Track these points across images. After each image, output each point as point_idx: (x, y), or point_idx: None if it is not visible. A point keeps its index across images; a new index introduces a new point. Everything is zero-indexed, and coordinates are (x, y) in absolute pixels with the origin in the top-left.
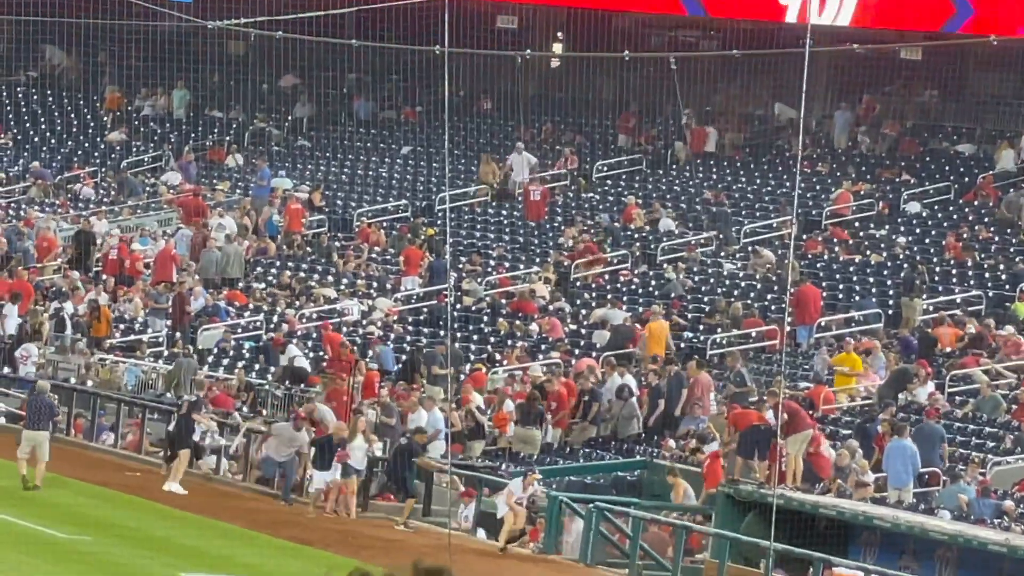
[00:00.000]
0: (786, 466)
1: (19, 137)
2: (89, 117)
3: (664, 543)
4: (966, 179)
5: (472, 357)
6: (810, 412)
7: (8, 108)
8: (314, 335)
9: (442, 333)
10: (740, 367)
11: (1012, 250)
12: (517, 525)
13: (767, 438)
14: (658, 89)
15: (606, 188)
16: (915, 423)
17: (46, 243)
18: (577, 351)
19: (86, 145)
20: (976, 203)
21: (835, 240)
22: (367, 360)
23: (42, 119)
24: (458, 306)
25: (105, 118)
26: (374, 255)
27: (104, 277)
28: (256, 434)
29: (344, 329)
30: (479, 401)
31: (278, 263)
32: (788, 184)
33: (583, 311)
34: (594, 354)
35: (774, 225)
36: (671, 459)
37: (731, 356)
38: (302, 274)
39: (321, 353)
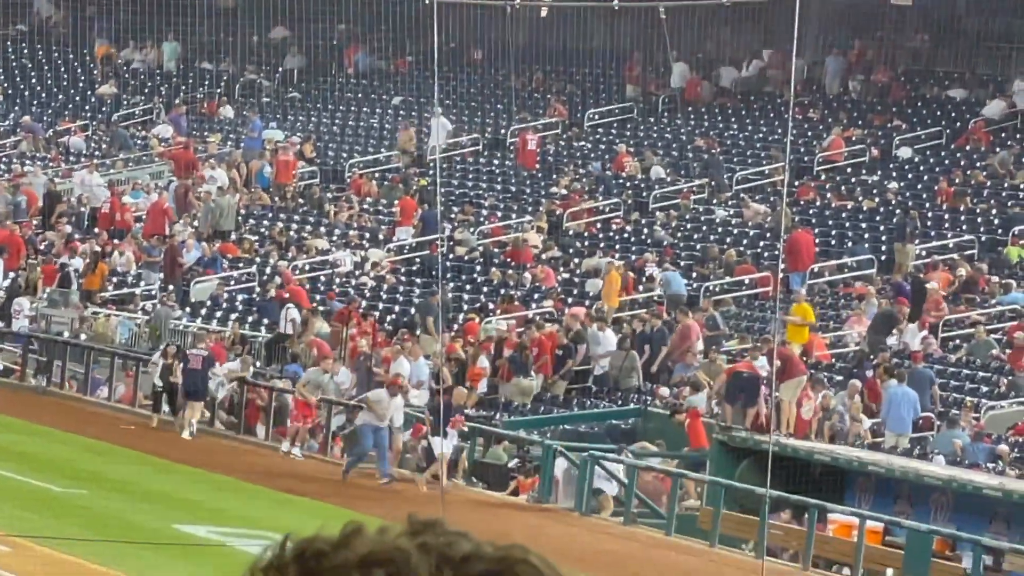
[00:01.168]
0: (782, 413)
1: (9, 91)
2: (79, 71)
3: (659, 491)
4: (958, 124)
5: (465, 307)
6: (803, 358)
7: None
8: (319, 288)
9: (435, 284)
10: (712, 311)
11: (1004, 194)
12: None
13: (753, 386)
14: (649, 37)
15: (597, 137)
16: (906, 368)
17: (30, 198)
18: (570, 300)
19: (77, 99)
20: (968, 148)
21: (827, 186)
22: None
23: (32, 73)
24: (451, 256)
25: (95, 71)
26: (366, 206)
27: (96, 231)
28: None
29: (337, 280)
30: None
31: (270, 215)
32: (780, 131)
33: (576, 260)
34: (587, 303)
35: (766, 172)
36: (665, 407)
37: (705, 300)
38: (294, 226)
39: (323, 308)
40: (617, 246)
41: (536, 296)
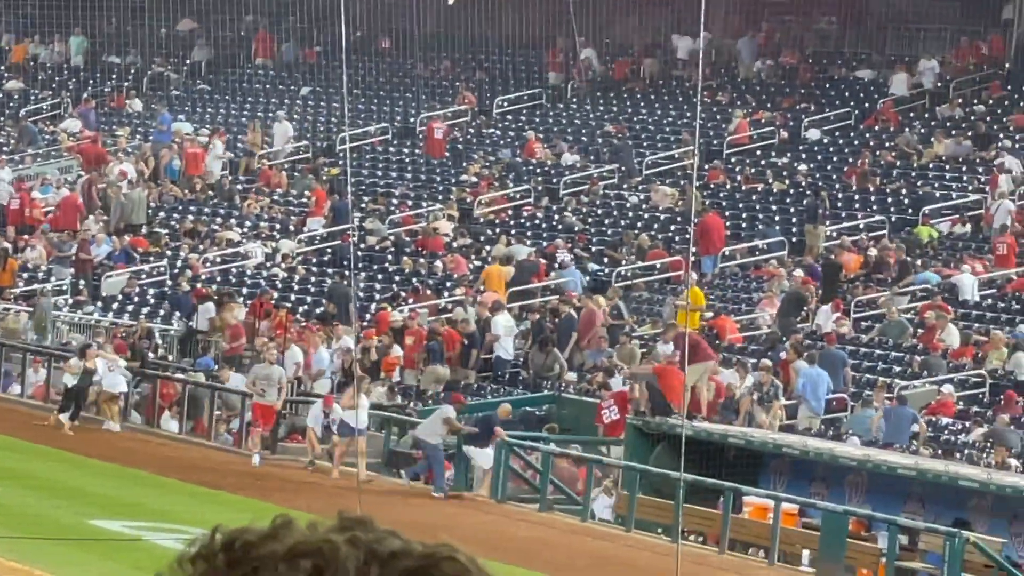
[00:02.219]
0: (687, 397)
1: None
2: None
3: (575, 477)
4: (866, 104)
5: (377, 297)
6: (716, 342)
7: None
8: (231, 281)
9: (346, 273)
10: (617, 300)
11: (914, 174)
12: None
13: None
14: (557, 24)
15: (507, 124)
16: (818, 349)
17: None
18: (482, 288)
19: None
20: (877, 128)
21: (737, 169)
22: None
23: None
24: (362, 246)
25: (2, 67)
26: (276, 197)
27: (5, 227)
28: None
29: (248, 271)
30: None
31: (180, 208)
32: (689, 115)
33: (487, 247)
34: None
35: (676, 156)
36: (577, 393)
37: (611, 289)
38: (204, 218)
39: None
40: (528, 233)
41: (448, 284)
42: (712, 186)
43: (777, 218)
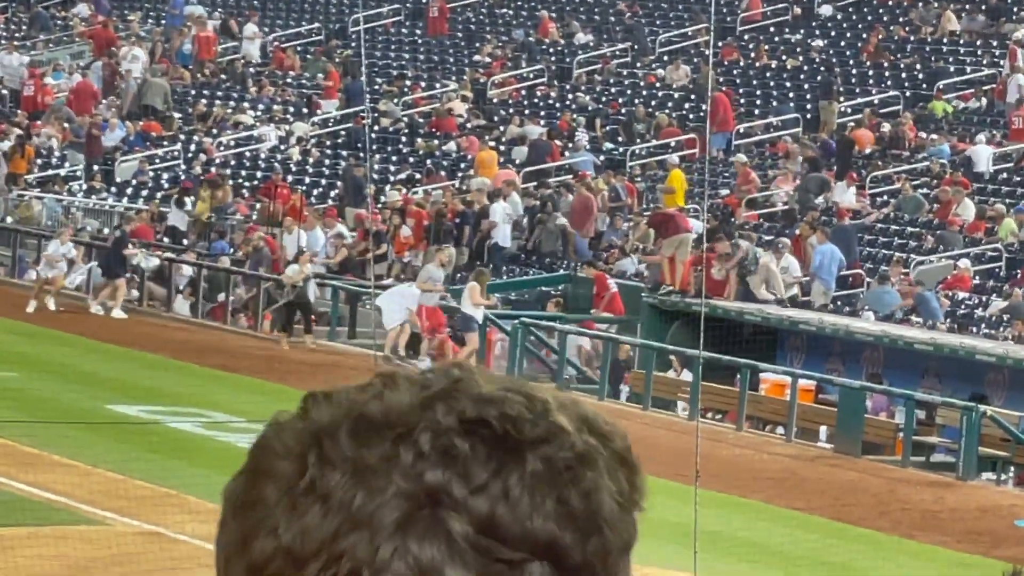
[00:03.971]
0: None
1: None
2: None
3: (591, 356)
4: None
5: (391, 179)
6: (731, 219)
7: None
8: (245, 164)
9: (361, 155)
10: (615, 181)
11: (928, 49)
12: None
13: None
14: None
15: (519, 3)
16: (832, 225)
17: None
18: (497, 167)
19: None
20: (890, 3)
21: (751, 47)
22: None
23: None
24: (376, 128)
25: None
26: (289, 80)
27: (19, 112)
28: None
29: (263, 154)
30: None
31: (193, 92)
32: None
33: (501, 127)
34: (512, 168)
35: (689, 34)
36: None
37: (607, 173)
38: (218, 102)
39: (250, 183)
40: (542, 113)
41: (462, 165)
42: (726, 63)
43: (791, 95)
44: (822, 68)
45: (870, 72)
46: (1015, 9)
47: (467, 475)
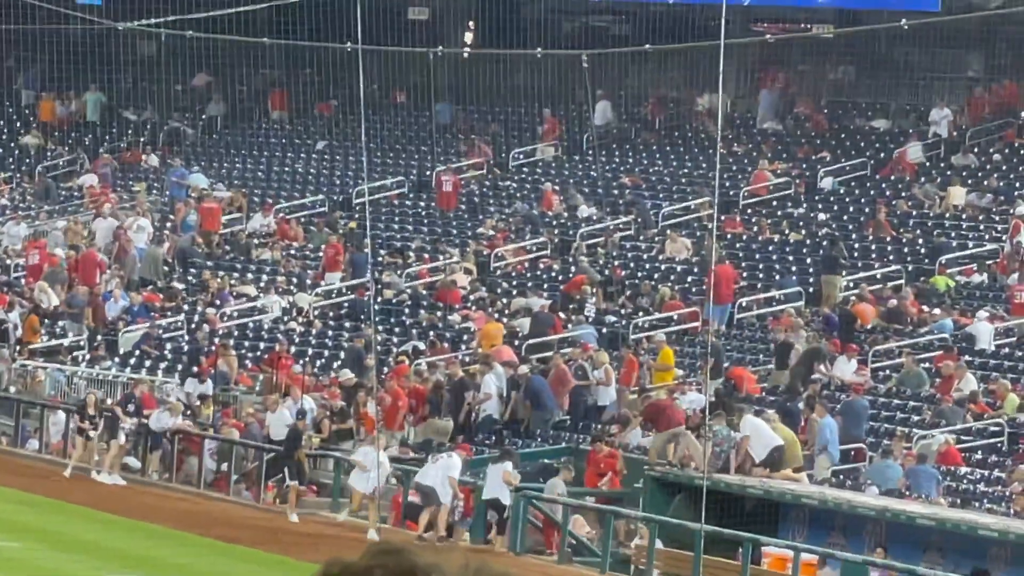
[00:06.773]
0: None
1: None
2: (2, 122)
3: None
4: (882, 154)
5: (395, 350)
6: (735, 393)
7: None
8: (248, 335)
9: (363, 326)
10: (582, 360)
11: (930, 223)
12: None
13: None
14: (572, 78)
15: (523, 176)
16: (840, 400)
17: None
18: (501, 339)
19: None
20: (892, 178)
21: (754, 220)
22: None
23: None
24: (379, 299)
25: (18, 122)
26: (293, 251)
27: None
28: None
29: (266, 325)
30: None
31: (197, 263)
32: (704, 165)
33: (504, 300)
34: (516, 342)
35: (692, 207)
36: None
37: (580, 345)
38: (221, 272)
39: (253, 353)
40: (545, 285)
41: (465, 338)
42: (729, 236)
43: (794, 268)
44: (824, 242)
45: (873, 246)
46: (1018, 184)
47: None
